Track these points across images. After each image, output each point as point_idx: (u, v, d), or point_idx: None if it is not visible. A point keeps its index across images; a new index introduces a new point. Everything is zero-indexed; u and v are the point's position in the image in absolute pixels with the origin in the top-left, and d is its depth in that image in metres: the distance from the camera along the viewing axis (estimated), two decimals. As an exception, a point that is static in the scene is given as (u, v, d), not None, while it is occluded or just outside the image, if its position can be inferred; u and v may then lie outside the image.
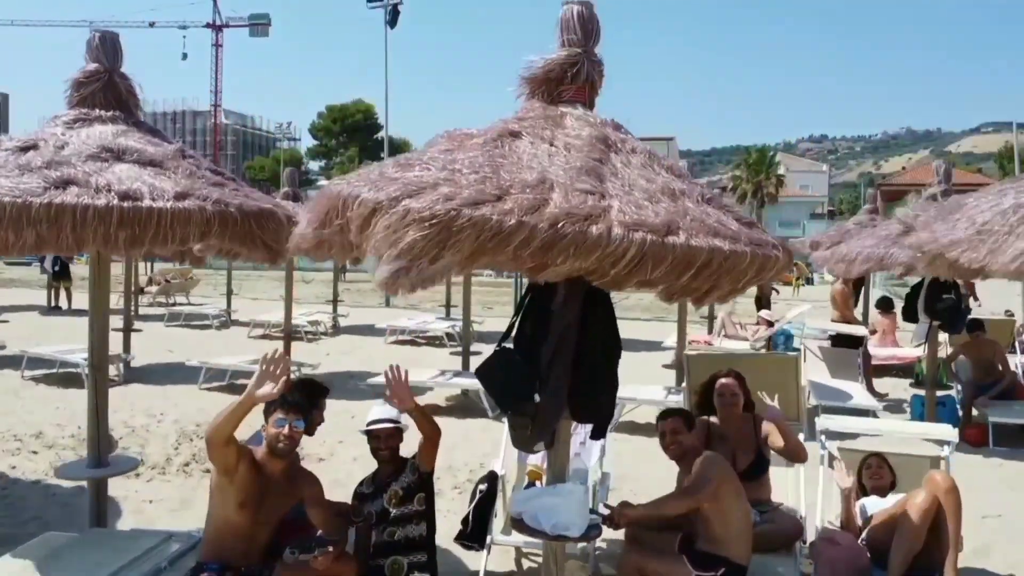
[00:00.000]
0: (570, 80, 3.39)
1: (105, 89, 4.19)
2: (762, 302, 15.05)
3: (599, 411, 3.32)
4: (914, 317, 8.39)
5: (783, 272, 3.21)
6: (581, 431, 4.45)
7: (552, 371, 3.05)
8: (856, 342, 10.68)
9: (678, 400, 7.72)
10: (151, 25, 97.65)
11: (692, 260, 2.68)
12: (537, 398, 3.08)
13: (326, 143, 76.83)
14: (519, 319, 3.28)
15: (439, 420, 3.96)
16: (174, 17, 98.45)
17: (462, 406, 9.32)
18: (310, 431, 3.89)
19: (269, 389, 3.25)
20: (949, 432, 4.92)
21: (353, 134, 74.73)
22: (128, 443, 7.40)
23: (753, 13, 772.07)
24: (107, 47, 4.23)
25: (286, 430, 3.50)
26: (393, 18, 20.66)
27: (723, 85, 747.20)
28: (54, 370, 10.46)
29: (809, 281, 38.96)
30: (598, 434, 3.52)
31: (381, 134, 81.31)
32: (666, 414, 4.21)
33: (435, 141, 3.33)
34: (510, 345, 3.25)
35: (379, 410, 4.05)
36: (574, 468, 4.08)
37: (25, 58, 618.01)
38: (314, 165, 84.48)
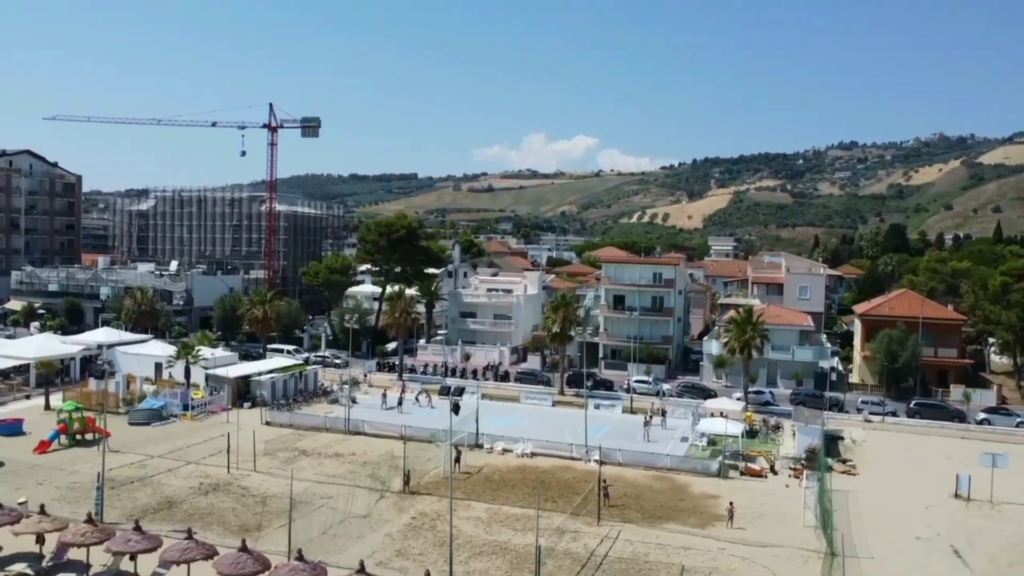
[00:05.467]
0: None
1: None
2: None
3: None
4: None
5: None
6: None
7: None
8: None
9: None
10: (213, 125, 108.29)
11: None
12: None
13: (373, 254, 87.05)
14: None
15: None
16: (234, 118, 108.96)
17: None
18: None
19: None
20: None
21: (397, 245, 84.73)
22: None
23: (780, 17, 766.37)
24: None
25: None
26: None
27: (750, 91, 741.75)
28: None
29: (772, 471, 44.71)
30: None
31: (423, 242, 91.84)
32: None
33: None
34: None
35: None
36: None
37: (97, 148, 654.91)
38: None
